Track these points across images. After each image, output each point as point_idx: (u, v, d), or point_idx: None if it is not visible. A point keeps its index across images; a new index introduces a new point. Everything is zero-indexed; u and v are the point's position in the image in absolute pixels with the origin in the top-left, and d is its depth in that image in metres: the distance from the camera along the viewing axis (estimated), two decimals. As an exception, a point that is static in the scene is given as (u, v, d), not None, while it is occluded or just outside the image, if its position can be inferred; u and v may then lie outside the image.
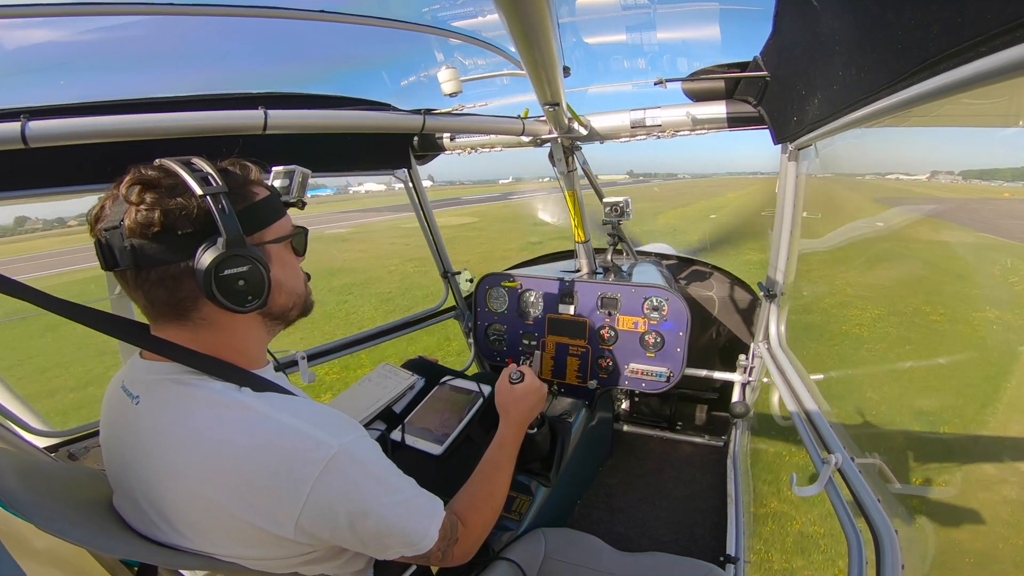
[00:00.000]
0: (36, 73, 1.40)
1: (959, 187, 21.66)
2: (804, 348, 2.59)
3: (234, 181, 0.84)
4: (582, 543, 1.52)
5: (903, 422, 4.07)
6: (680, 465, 2.67)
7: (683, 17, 1.79)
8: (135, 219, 0.74)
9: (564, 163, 2.27)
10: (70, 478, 0.95)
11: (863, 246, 8.08)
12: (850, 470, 1.32)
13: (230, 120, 1.27)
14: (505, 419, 1.38)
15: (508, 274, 2.64)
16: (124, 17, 1.24)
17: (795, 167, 1.99)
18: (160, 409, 0.83)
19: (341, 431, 0.84)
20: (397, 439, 1.81)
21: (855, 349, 5.81)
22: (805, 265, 2.34)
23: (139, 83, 1.49)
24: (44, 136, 1.04)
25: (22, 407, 1.46)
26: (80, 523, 0.77)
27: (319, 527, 0.81)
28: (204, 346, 0.86)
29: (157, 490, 0.81)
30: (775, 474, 3.41)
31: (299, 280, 0.99)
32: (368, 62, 2.03)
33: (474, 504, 1.14)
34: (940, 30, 0.76)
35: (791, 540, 2.91)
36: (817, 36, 1.28)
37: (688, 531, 2.16)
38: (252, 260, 0.81)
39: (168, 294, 0.80)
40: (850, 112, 1.23)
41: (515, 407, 1.39)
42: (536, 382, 1.45)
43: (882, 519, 1.15)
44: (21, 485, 0.74)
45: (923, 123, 1.28)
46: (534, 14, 0.81)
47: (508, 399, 1.41)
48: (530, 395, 1.42)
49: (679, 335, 2.27)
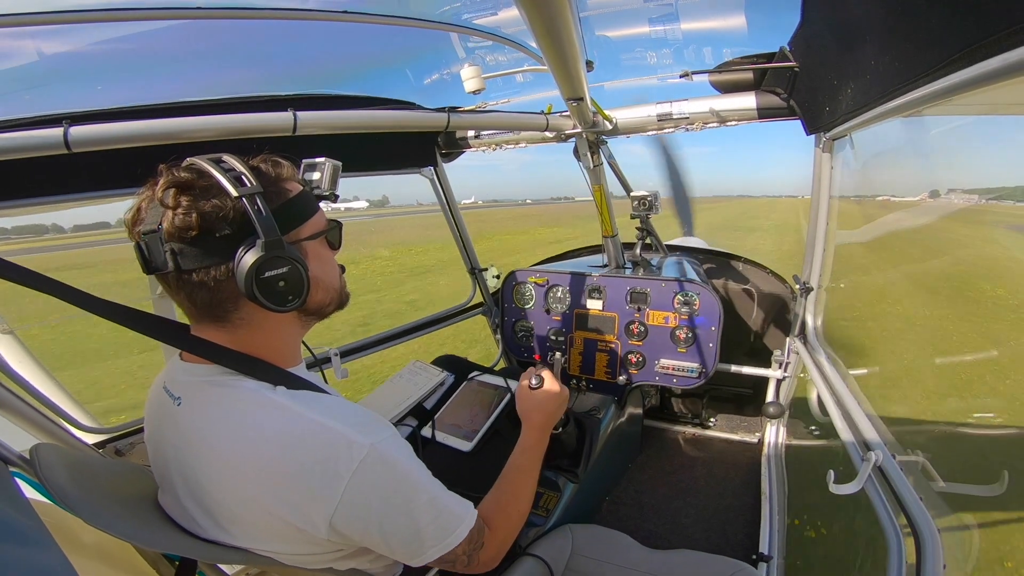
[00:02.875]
0: (75, 79, 1.44)
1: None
2: (841, 342, 2.51)
3: (267, 179, 0.84)
4: (610, 539, 1.50)
5: (949, 416, 3.91)
6: (712, 462, 2.62)
7: (708, 7, 1.75)
8: (173, 223, 0.75)
9: (589, 158, 2.25)
10: (116, 474, 0.98)
11: (906, 235, 7.74)
12: (891, 467, 1.28)
13: (261, 122, 1.30)
14: (527, 424, 1.36)
15: (535, 270, 2.64)
16: (156, 22, 1.27)
17: (829, 158, 1.93)
18: (199, 410, 0.85)
19: (372, 430, 0.84)
20: (427, 435, 1.83)
21: (897, 342, 5.59)
22: (841, 257, 2.26)
23: (173, 87, 1.53)
24: (85, 141, 1.07)
25: (71, 403, 1.52)
26: (125, 518, 0.79)
27: (351, 527, 0.82)
28: (242, 345, 0.88)
29: (199, 487, 0.83)
30: (812, 472, 3.32)
31: (335, 275, 1.00)
32: (392, 61, 2.05)
33: (500, 508, 1.13)
34: (976, 18, 0.74)
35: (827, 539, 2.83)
36: (847, 25, 1.24)
37: (720, 529, 2.13)
38: (291, 261, 0.82)
39: (210, 295, 0.81)
40: (886, 101, 1.19)
41: (536, 412, 1.37)
42: (556, 386, 1.43)
43: (924, 517, 1.11)
44: (70, 481, 0.76)
45: (964, 111, 1.23)
46: (555, 9, 0.81)
47: (529, 405, 1.39)
48: (551, 400, 1.40)
49: (711, 330, 2.23)
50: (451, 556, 0.93)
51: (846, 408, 1.60)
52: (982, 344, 5.25)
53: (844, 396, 1.65)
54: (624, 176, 2.57)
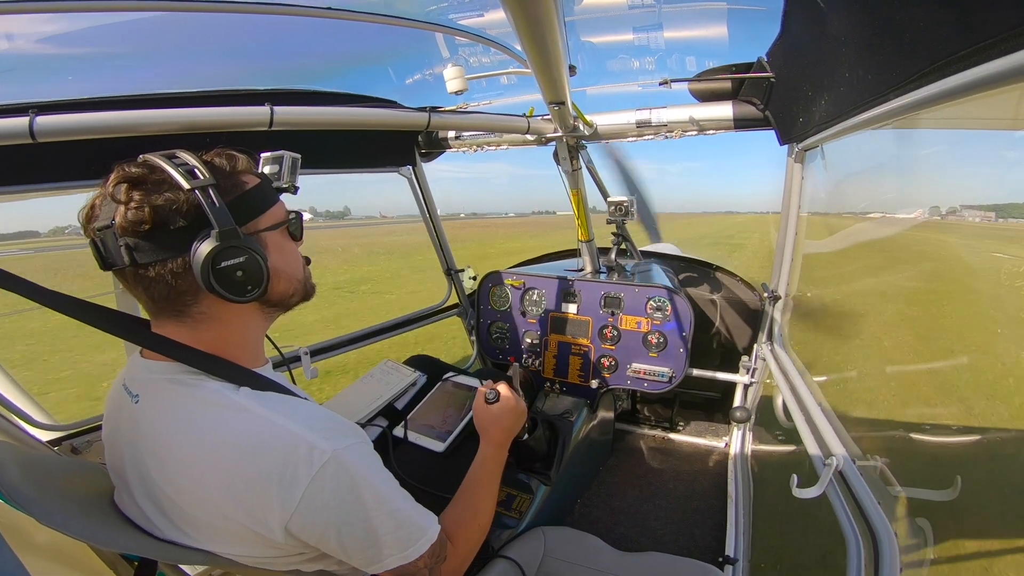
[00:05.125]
0: (44, 68, 1.39)
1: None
2: (806, 349, 2.58)
3: (221, 172, 0.84)
4: (582, 542, 1.52)
5: (906, 424, 4.05)
6: (681, 466, 2.66)
7: (690, 17, 1.78)
8: (126, 217, 0.74)
9: (569, 162, 2.27)
10: (71, 472, 0.95)
11: (870, 247, 8.01)
12: (851, 472, 1.32)
13: (236, 116, 1.26)
14: (484, 438, 1.35)
15: (511, 272, 2.64)
16: (131, 13, 1.24)
17: (800, 169, 1.98)
18: (158, 409, 0.83)
19: (336, 436, 0.83)
20: (400, 436, 1.81)
21: (859, 351, 5.78)
22: (808, 266, 2.33)
23: (146, 79, 1.49)
24: (52, 131, 1.04)
25: (25, 400, 1.47)
26: (81, 517, 0.77)
27: (307, 532, 0.80)
28: (204, 342, 0.86)
29: (155, 488, 0.81)
30: (776, 476, 3.40)
31: (298, 266, 0.99)
32: (375, 59, 2.03)
33: (460, 523, 1.11)
34: (950, 32, 0.76)
35: (791, 542, 2.91)
36: (824, 37, 1.27)
37: (688, 531, 2.16)
38: (248, 250, 0.81)
39: (168, 289, 0.80)
40: (858, 113, 1.22)
41: (493, 427, 1.36)
42: (512, 400, 1.41)
43: (882, 521, 1.14)
44: (22, 478, 0.74)
45: (933, 125, 1.27)
46: (541, 12, 0.80)
47: (485, 419, 1.38)
48: (507, 415, 1.39)
49: (682, 335, 2.26)
50: (412, 568, 0.91)
51: (809, 414, 1.64)
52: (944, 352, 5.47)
53: (807, 402, 1.69)
54: (602, 181, 2.59)
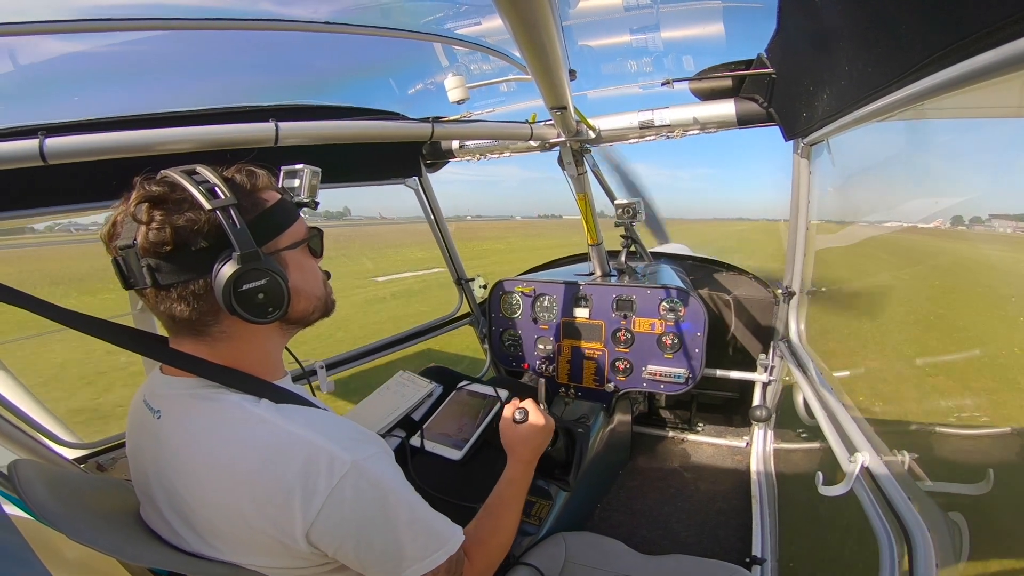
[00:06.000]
0: (51, 89, 1.41)
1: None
2: (824, 345, 2.54)
3: (241, 190, 0.83)
4: (603, 547, 1.50)
5: (931, 417, 3.95)
6: (701, 467, 2.63)
7: (686, 16, 1.78)
8: (147, 238, 0.74)
9: (574, 167, 2.27)
10: (98, 489, 0.96)
11: (886, 240, 7.87)
12: (878, 468, 1.29)
13: (242, 133, 1.28)
14: (512, 457, 1.32)
15: (521, 279, 2.65)
16: (136, 33, 1.26)
17: (807, 164, 1.97)
18: (181, 424, 0.84)
19: (357, 446, 0.83)
20: (417, 445, 1.82)
21: (878, 344, 5.66)
22: (822, 262, 2.30)
23: (152, 98, 1.51)
24: (62, 153, 1.05)
25: (50, 419, 1.49)
26: (109, 532, 0.78)
27: (325, 542, 0.80)
28: (223, 358, 0.86)
29: (181, 501, 0.82)
30: (800, 474, 3.34)
31: (318, 283, 0.98)
32: (375, 71, 2.06)
33: (479, 539, 1.09)
34: (944, 23, 0.75)
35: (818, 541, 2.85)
36: (822, 31, 1.27)
37: (712, 533, 2.13)
38: (269, 272, 0.81)
39: (190, 311, 0.80)
40: (861, 106, 1.21)
41: (521, 446, 1.33)
42: (541, 419, 1.38)
43: (914, 518, 1.12)
44: (51, 496, 0.75)
45: (937, 115, 1.26)
46: (537, 17, 0.81)
47: (513, 438, 1.35)
48: (536, 434, 1.35)
49: (697, 335, 2.25)
50: None
51: (831, 410, 1.61)
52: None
53: (828, 398, 1.66)
54: (608, 184, 2.59)
